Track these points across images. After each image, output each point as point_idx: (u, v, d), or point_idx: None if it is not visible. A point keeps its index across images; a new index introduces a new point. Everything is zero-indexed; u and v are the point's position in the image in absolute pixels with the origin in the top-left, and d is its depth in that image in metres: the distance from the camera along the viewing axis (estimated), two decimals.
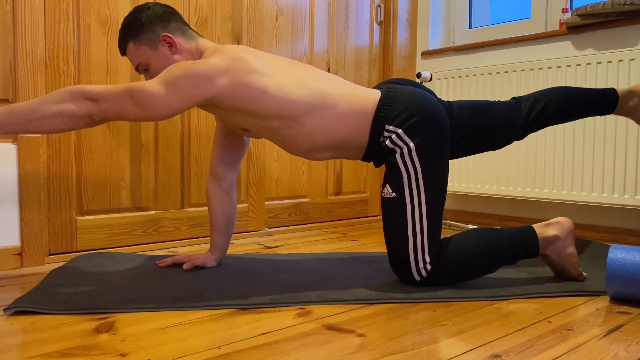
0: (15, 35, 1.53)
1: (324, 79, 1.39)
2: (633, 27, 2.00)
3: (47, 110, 1.20)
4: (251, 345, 0.98)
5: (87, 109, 1.22)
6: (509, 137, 1.48)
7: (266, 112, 1.31)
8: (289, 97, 1.31)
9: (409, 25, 2.72)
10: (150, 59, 1.38)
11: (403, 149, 1.34)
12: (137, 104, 1.22)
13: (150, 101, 1.22)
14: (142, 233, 1.85)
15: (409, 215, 1.33)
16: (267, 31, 2.19)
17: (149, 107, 1.23)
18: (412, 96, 1.38)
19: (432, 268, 1.33)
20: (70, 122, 1.22)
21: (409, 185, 1.34)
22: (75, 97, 1.21)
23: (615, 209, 2.07)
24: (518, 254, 1.39)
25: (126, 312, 1.15)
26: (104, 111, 1.22)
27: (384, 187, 1.38)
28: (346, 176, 2.56)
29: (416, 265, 1.33)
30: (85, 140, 1.71)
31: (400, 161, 1.34)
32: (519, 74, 2.20)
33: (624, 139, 1.92)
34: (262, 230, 2.20)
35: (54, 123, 1.21)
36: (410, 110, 1.35)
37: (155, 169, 1.88)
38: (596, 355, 0.95)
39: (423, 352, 0.95)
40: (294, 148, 1.40)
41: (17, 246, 1.56)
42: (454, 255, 1.35)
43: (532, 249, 1.39)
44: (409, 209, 1.33)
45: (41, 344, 0.97)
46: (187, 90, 1.24)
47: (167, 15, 1.39)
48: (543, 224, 1.43)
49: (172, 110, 1.25)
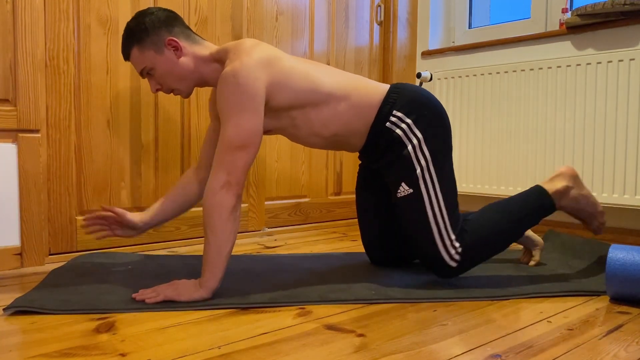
0: (15, 35, 1.53)
1: (338, 72, 1.45)
2: (633, 27, 2.00)
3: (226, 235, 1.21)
4: (251, 345, 0.98)
5: (228, 191, 1.21)
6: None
7: (296, 100, 1.35)
8: (314, 86, 1.36)
9: (409, 25, 2.72)
10: (155, 63, 1.38)
11: (413, 141, 1.38)
12: (239, 149, 1.22)
13: (241, 136, 1.23)
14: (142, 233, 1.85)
15: (429, 207, 1.37)
16: (267, 31, 2.19)
17: (245, 141, 1.23)
18: (418, 91, 1.45)
19: (463, 250, 1.36)
20: (236, 211, 1.22)
21: (422, 177, 1.37)
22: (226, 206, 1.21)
23: (615, 209, 2.07)
24: (538, 215, 1.44)
25: (126, 312, 1.15)
26: (234, 176, 1.22)
27: (399, 186, 1.39)
28: (346, 176, 2.56)
29: (448, 254, 1.37)
30: (85, 140, 1.71)
31: (413, 155, 1.37)
32: (519, 74, 2.20)
33: (624, 139, 1.92)
34: (262, 230, 2.20)
35: (233, 228, 1.22)
36: (418, 102, 1.41)
37: (155, 169, 1.88)
38: (596, 355, 0.95)
39: (423, 352, 0.95)
40: (303, 135, 1.42)
41: (17, 246, 1.56)
42: (479, 234, 1.39)
43: (549, 206, 1.45)
44: (427, 202, 1.37)
45: (41, 344, 0.97)
46: (249, 102, 1.25)
47: (171, 20, 1.40)
48: (548, 180, 1.50)
49: (259, 129, 1.25)
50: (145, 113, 1.84)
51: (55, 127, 1.64)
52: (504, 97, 2.24)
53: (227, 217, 1.20)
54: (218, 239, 1.20)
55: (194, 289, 1.22)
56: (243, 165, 1.23)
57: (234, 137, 1.23)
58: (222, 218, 1.20)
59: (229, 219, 1.21)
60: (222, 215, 1.20)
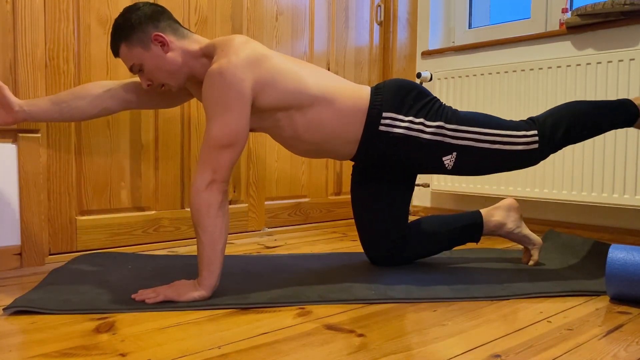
0: (15, 35, 1.53)
1: (322, 74, 1.42)
2: (633, 27, 2.00)
3: (218, 231, 1.22)
4: (251, 345, 0.98)
5: (212, 188, 1.22)
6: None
7: (281, 102, 1.34)
8: (301, 87, 1.35)
9: (409, 25, 2.72)
10: (143, 59, 1.38)
11: (421, 127, 1.39)
12: (224, 147, 1.23)
13: (226, 136, 1.23)
14: (142, 233, 1.85)
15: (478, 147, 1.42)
16: (267, 31, 2.19)
17: (230, 141, 1.24)
18: (395, 83, 1.45)
19: (540, 132, 1.42)
20: (224, 207, 1.24)
21: (453, 138, 1.41)
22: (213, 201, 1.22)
23: (615, 209, 2.07)
24: (618, 113, 1.48)
25: (126, 312, 1.15)
26: (218, 173, 1.23)
27: (441, 163, 1.43)
28: (346, 176, 2.56)
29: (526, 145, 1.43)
30: (85, 140, 1.71)
31: (430, 137, 1.40)
32: (519, 74, 2.20)
33: (624, 139, 1.92)
34: (262, 230, 2.20)
35: (223, 224, 1.23)
36: (400, 94, 1.42)
37: (155, 169, 1.88)
38: (596, 355, 0.95)
39: (423, 352, 0.95)
40: (289, 140, 1.42)
41: (17, 246, 1.56)
42: (551, 115, 1.46)
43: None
44: (475, 145, 1.42)
45: (41, 344, 0.97)
46: (235, 101, 1.25)
47: (157, 14, 1.38)
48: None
49: (245, 128, 1.26)
50: (145, 113, 1.84)
51: (55, 127, 1.64)
52: (504, 97, 2.24)
53: (216, 214, 1.21)
54: (210, 236, 1.21)
55: (193, 288, 1.22)
56: (228, 164, 1.24)
57: (220, 136, 1.23)
58: (210, 215, 1.21)
59: (218, 215, 1.22)
60: (211, 213, 1.21)
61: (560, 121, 1.45)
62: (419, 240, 1.59)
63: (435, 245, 1.61)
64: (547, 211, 2.27)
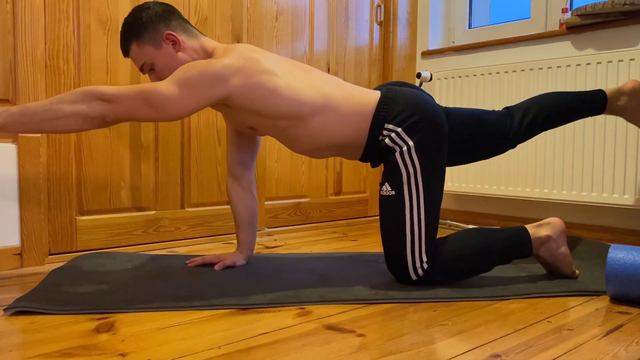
0: (15, 35, 1.53)
1: (327, 81, 1.41)
2: (633, 27, 2.00)
3: (60, 110, 1.20)
4: (251, 345, 0.98)
5: (100, 110, 1.22)
6: (502, 146, 1.51)
7: (275, 112, 1.33)
8: (298, 98, 1.33)
9: (409, 25, 2.72)
10: (154, 58, 1.38)
11: (402, 148, 1.34)
12: (150, 105, 1.22)
13: (164, 102, 1.22)
14: (142, 233, 1.85)
15: (408, 213, 1.33)
16: (267, 31, 2.19)
17: (162, 108, 1.23)
18: (411, 96, 1.39)
19: (429, 267, 1.34)
20: (84, 123, 1.22)
21: (408, 183, 1.34)
22: (88, 98, 1.21)
23: (615, 209, 2.07)
24: (512, 254, 1.40)
25: (126, 312, 1.15)
26: (117, 113, 1.23)
27: (382, 185, 1.38)
28: (346, 176, 2.56)
29: (413, 264, 1.33)
30: (85, 140, 1.71)
31: (400, 160, 1.34)
32: (519, 74, 2.20)
33: (623, 139, 1.92)
34: (262, 230, 2.20)
35: (67, 123, 1.21)
36: (410, 110, 1.36)
37: (155, 169, 1.88)
38: (596, 355, 0.95)
39: (423, 352, 0.95)
40: (298, 147, 1.42)
41: (17, 246, 1.56)
42: (450, 255, 1.35)
43: (526, 249, 1.41)
44: (408, 208, 1.34)
45: (41, 344, 0.97)
46: (201, 90, 1.24)
47: (168, 14, 1.39)
48: (535, 224, 1.45)
49: (186, 111, 1.25)
50: None
51: None
52: (504, 97, 2.24)
53: (82, 122, 1.22)
54: (56, 124, 1.20)
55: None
56: (135, 115, 1.23)
57: (161, 97, 1.22)
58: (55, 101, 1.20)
59: (84, 123, 1.22)
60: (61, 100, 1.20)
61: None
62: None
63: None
64: (547, 211, 2.27)
